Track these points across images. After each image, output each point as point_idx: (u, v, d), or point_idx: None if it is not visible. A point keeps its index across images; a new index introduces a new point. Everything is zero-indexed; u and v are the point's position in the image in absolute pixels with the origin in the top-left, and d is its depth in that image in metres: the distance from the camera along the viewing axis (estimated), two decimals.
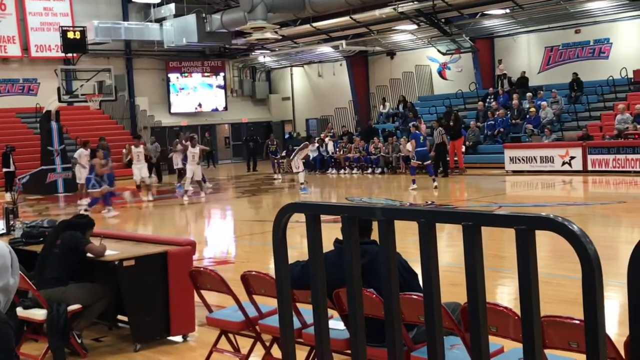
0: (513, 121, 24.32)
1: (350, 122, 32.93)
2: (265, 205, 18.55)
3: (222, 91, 36.13)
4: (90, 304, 6.04)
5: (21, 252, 6.12)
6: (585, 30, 25.84)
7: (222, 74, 36.11)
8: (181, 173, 23.25)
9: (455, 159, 23.05)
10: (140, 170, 20.08)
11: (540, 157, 21.61)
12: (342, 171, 26.16)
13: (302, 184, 20.05)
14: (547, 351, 3.48)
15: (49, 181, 23.20)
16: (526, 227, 2.00)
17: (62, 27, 26.17)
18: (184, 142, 22.24)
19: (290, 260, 2.95)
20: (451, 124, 22.98)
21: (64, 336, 5.78)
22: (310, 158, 27.41)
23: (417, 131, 19.94)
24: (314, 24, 27.89)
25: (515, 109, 24.63)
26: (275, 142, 27.18)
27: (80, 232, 6.19)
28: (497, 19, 26.96)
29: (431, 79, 31.06)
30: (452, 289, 4.12)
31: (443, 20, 26.20)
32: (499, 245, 9.43)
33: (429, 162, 19.67)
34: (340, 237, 4.02)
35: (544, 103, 23.79)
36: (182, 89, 35.09)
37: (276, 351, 5.08)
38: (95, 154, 16.55)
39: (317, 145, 27.45)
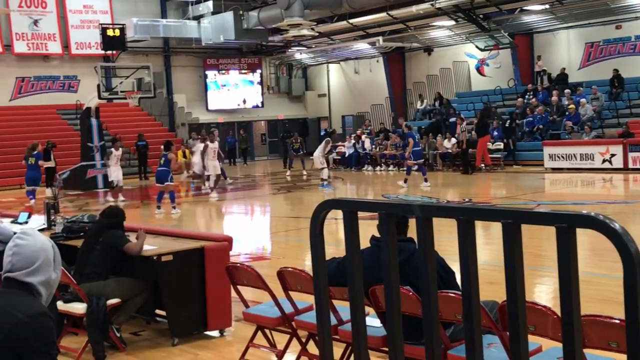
0: (552, 118, 23.99)
1: (387, 119, 32.79)
2: (301, 202, 18.58)
3: (259, 88, 36.27)
4: (129, 299, 6.12)
5: (62, 247, 6.21)
6: (626, 26, 25.40)
7: (258, 71, 36.22)
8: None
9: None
10: (117, 172, 19.62)
11: (580, 154, 21.30)
12: (377, 168, 26.08)
13: (322, 180, 20.12)
14: (586, 351, 3.43)
15: (89, 177, 23.47)
16: (567, 225, 1.98)
17: (101, 24, 26.55)
18: (201, 138, 22.33)
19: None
20: (475, 120, 22.78)
21: (103, 330, 5.87)
22: (346, 155, 27.41)
23: (410, 131, 20.07)
24: (351, 21, 27.84)
25: (554, 105, 24.29)
26: (299, 140, 27.02)
27: (120, 230, 6.29)
28: (536, 15, 26.63)
29: (469, 75, 30.78)
30: (489, 288, 4.09)
31: (481, 16, 25.97)
32: (537, 243, 9.33)
33: (422, 161, 19.68)
34: (376, 234, 4.02)
35: (583, 100, 23.43)
36: (224, 85, 35.32)
37: (312, 347, 5.08)
38: (169, 147, 16.39)
39: (352, 142, 27.47)
